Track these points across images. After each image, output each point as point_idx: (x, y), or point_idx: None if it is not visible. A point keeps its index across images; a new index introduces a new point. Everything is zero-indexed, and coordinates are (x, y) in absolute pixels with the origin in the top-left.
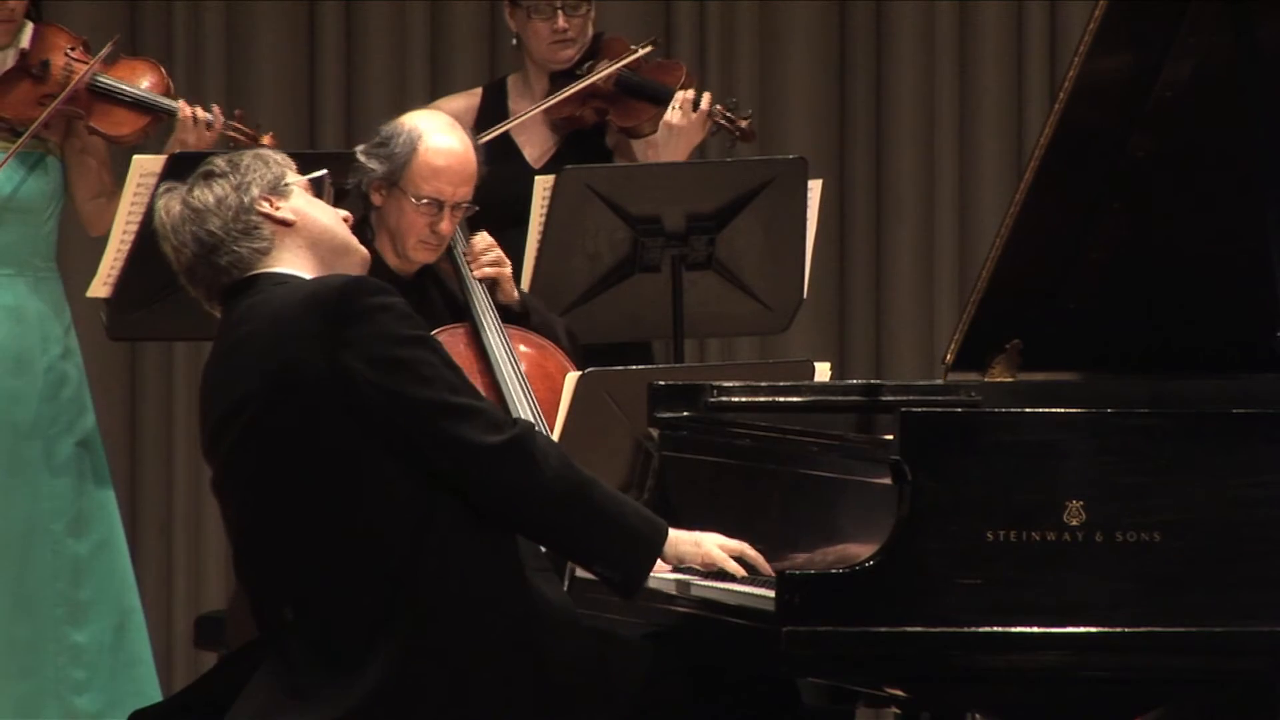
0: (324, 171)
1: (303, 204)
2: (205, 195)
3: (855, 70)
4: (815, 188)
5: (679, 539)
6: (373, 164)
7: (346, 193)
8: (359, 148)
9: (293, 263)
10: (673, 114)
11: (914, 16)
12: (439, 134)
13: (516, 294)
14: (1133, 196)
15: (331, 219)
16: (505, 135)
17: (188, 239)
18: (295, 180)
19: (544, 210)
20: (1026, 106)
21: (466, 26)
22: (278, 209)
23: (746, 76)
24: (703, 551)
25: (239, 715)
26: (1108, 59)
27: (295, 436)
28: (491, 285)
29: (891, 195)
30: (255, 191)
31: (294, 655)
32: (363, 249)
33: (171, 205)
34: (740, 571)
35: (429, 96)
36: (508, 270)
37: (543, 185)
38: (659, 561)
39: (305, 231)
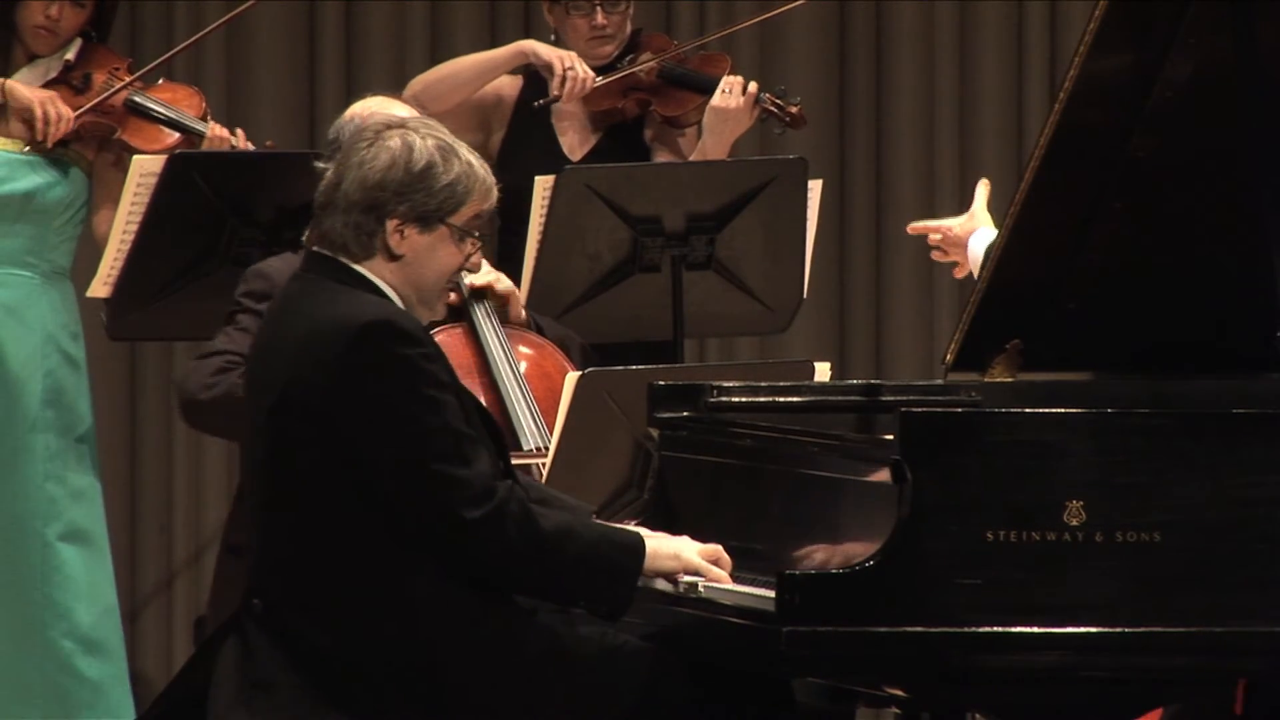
0: None
1: (429, 247)
2: (383, 163)
3: (855, 70)
4: (815, 188)
5: (658, 554)
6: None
7: None
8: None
9: (378, 273)
10: (721, 97)
11: (914, 16)
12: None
13: (524, 314)
14: (1133, 196)
15: (436, 277)
16: (547, 127)
17: (333, 174)
18: (462, 227)
19: (544, 210)
20: (1026, 106)
21: (466, 26)
22: (402, 237)
23: (746, 76)
24: (683, 563)
25: (214, 706)
26: (1108, 59)
27: (287, 453)
28: (500, 308)
29: (891, 195)
30: (402, 208)
31: (256, 646)
32: (440, 312)
33: (382, 131)
34: (724, 578)
35: None
36: (507, 285)
37: (542, 185)
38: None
39: (405, 270)
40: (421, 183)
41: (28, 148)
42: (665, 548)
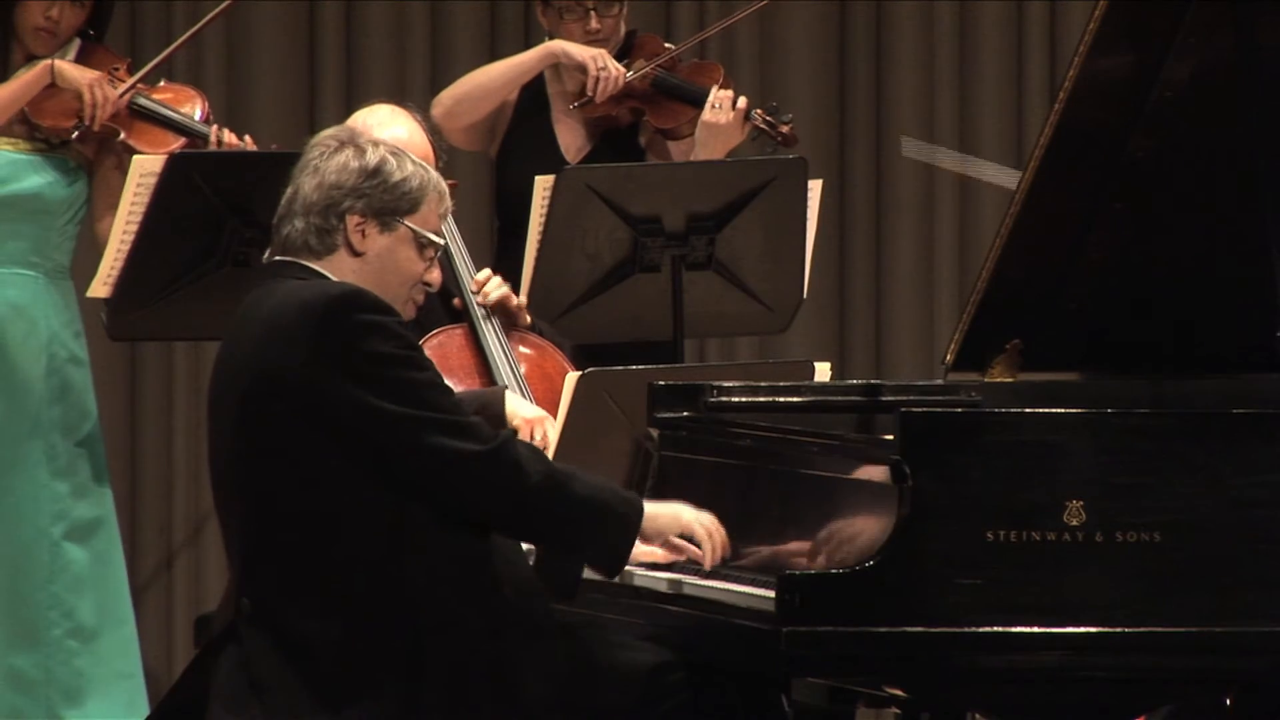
0: None
1: (390, 248)
2: (336, 165)
3: (855, 70)
4: (815, 188)
5: (657, 515)
6: None
7: None
8: None
9: (339, 273)
10: (711, 112)
11: (914, 16)
12: (384, 130)
13: (529, 319)
14: (1133, 196)
15: (399, 281)
16: (548, 129)
17: (290, 188)
18: (421, 229)
19: (544, 210)
20: (1026, 106)
21: (466, 26)
22: (363, 235)
23: (746, 76)
24: (682, 525)
25: (212, 711)
26: (1108, 59)
27: (268, 440)
28: (505, 317)
29: (891, 195)
30: (360, 205)
31: (252, 648)
32: (407, 311)
33: (332, 149)
34: (715, 551)
35: (429, 96)
36: (512, 296)
37: (542, 185)
38: (640, 541)
39: (368, 269)
40: (376, 178)
41: (75, 134)
42: (663, 509)
